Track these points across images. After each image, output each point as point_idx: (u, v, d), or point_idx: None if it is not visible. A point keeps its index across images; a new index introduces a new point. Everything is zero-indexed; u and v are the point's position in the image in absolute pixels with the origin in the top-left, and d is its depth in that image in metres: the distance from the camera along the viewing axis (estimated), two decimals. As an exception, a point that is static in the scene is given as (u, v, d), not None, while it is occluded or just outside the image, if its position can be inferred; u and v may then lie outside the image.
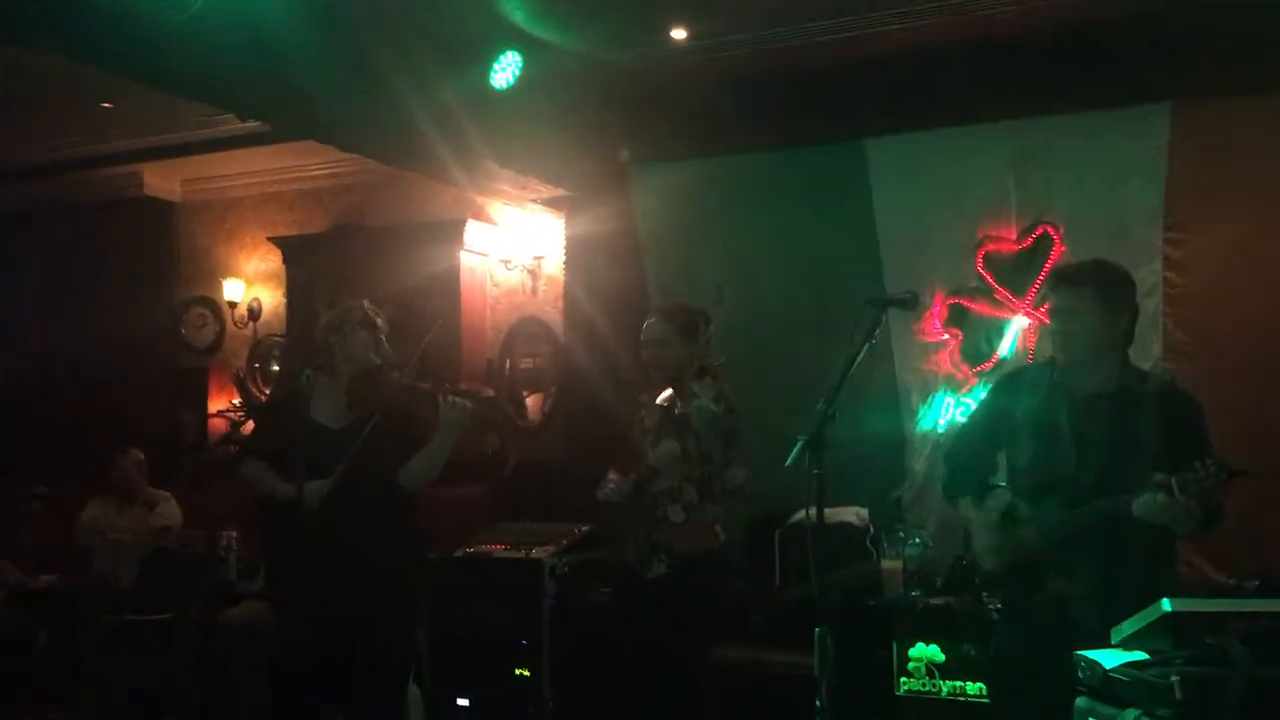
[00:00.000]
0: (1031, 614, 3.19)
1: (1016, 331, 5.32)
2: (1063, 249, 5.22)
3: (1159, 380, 3.38)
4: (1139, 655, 2.53)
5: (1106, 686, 2.53)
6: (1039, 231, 5.30)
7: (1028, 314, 5.29)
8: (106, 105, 6.52)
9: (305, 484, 3.86)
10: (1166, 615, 2.47)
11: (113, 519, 6.24)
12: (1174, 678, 2.32)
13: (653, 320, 4.19)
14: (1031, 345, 5.27)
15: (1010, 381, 3.44)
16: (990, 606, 3.83)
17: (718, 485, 4.04)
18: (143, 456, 6.37)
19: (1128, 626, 2.58)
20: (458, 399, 3.95)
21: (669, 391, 4.10)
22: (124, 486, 6.28)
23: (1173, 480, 2.81)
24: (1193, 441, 3.02)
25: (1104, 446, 3.07)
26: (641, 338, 4.20)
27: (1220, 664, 2.32)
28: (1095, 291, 3.14)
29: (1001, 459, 3.39)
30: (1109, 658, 2.57)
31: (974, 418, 3.62)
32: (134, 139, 7.15)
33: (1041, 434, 3.20)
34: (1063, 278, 3.26)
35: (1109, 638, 2.65)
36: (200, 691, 5.43)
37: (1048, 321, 3.70)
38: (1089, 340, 3.15)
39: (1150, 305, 5.00)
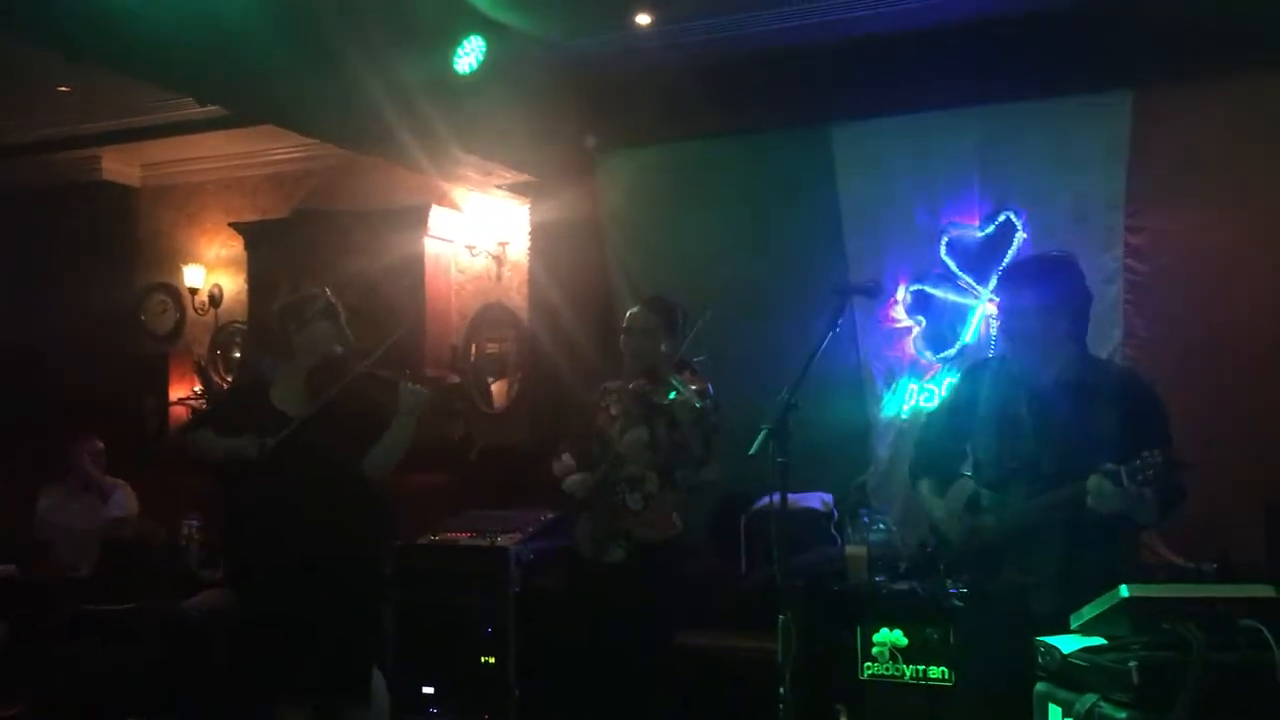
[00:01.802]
0: (992, 600, 3.22)
1: (980, 318, 5.35)
2: (1025, 236, 5.25)
3: (1118, 369, 3.42)
4: (1097, 640, 2.55)
5: (1065, 671, 2.55)
6: (1002, 218, 5.32)
7: (991, 301, 5.31)
8: (63, 89, 6.42)
9: (254, 438, 3.84)
10: (1124, 600, 2.49)
11: (68, 507, 6.17)
12: (1132, 663, 2.34)
13: (639, 310, 4.21)
14: (994, 331, 5.30)
15: (974, 373, 3.47)
16: (953, 592, 3.85)
17: (687, 478, 4.05)
18: (101, 446, 6.29)
19: (1086, 612, 2.61)
20: (416, 386, 3.95)
21: (642, 380, 4.10)
22: (78, 475, 6.21)
23: (1121, 470, 2.82)
24: (1151, 428, 3.04)
25: (1064, 436, 3.09)
26: (625, 324, 4.21)
27: (1178, 649, 2.34)
28: (1033, 291, 3.16)
29: (970, 449, 3.41)
30: (1067, 643, 2.59)
31: (942, 407, 3.67)
32: (92, 123, 7.06)
33: (1003, 425, 3.22)
34: (1005, 277, 3.31)
35: (1068, 626, 2.68)
36: (163, 681, 5.37)
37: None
38: (1033, 337, 3.17)
39: (1111, 292, 5.05)
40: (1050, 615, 2.84)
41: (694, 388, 3.95)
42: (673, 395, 3.90)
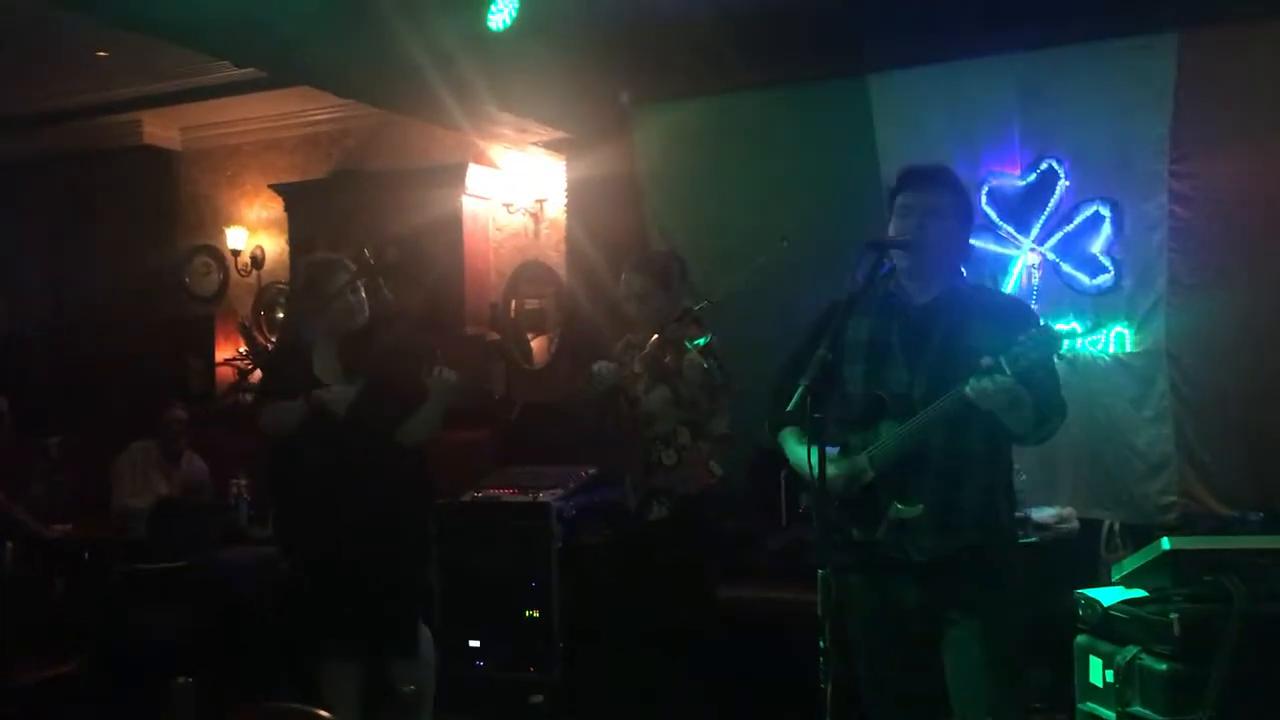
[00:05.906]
0: (874, 551, 2.94)
1: (1022, 268, 5.29)
2: (1068, 184, 5.17)
3: (998, 294, 3.35)
4: (1138, 593, 2.55)
5: (1105, 624, 2.54)
6: (1044, 166, 5.25)
7: (1033, 250, 5.25)
8: (102, 54, 6.46)
9: (332, 389, 3.93)
10: (1166, 553, 2.48)
11: (148, 473, 6.27)
12: (1172, 615, 2.34)
13: (629, 276, 4.23)
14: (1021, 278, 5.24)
15: (838, 306, 3.04)
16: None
17: (707, 429, 4.12)
18: (184, 415, 6.37)
19: (1128, 564, 2.60)
20: (445, 370, 4.00)
21: (654, 342, 4.13)
22: (163, 442, 6.29)
23: (1001, 358, 2.63)
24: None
25: (935, 358, 2.89)
26: (621, 293, 4.24)
27: (1219, 601, 2.33)
28: (955, 196, 2.99)
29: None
30: (1108, 595, 2.58)
31: (800, 349, 3.14)
32: (132, 87, 7.11)
33: (872, 354, 3.00)
34: (923, 175, 3.01)
35: (939, 567, 2.67)
36: (212, 638, 5.48)
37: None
38: (942, 244, 2.96)
39: (1155, 239, 4.97)
40: (925, 557, 2.77)
41: (702, 342, 3.97)
42: (688, 358, 3.94)
